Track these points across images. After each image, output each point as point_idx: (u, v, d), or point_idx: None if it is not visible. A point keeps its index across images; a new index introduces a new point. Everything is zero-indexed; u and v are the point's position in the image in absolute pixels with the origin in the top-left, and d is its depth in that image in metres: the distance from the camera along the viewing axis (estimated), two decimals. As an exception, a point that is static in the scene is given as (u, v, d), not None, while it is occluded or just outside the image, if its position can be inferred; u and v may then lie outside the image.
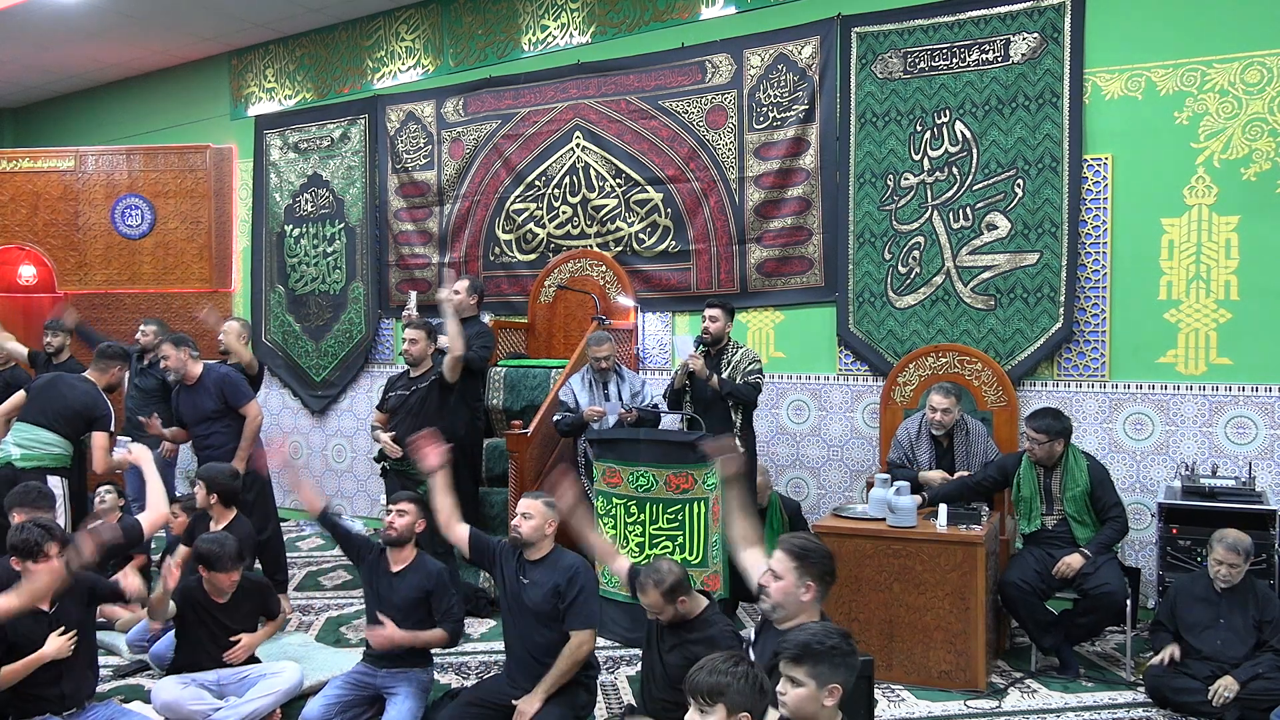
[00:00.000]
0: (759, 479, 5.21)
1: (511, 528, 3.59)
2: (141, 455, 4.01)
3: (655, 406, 5.18)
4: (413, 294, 6.58)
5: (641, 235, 6.35)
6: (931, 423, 4.75)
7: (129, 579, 3.60)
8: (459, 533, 3.73)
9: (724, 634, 3.30)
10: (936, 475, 4.68)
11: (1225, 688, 3.64)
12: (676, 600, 3.30)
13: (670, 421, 5.12)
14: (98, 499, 5.21)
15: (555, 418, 5.19)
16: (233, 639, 3.90)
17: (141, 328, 6.21)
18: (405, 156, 7.31)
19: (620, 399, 5.11)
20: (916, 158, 5.48)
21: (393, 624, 3.67)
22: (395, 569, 3.82)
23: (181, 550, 4.40)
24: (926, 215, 5.46)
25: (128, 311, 7.78)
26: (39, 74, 8.84)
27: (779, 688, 2.28)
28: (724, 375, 4.94)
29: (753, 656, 2.81)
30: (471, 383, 5.38)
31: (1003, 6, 5.22)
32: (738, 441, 4.75)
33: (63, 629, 3.38)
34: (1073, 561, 4.17)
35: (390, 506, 3.91)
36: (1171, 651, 3.89)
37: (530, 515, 3.56)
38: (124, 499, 5.31)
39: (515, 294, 6.84)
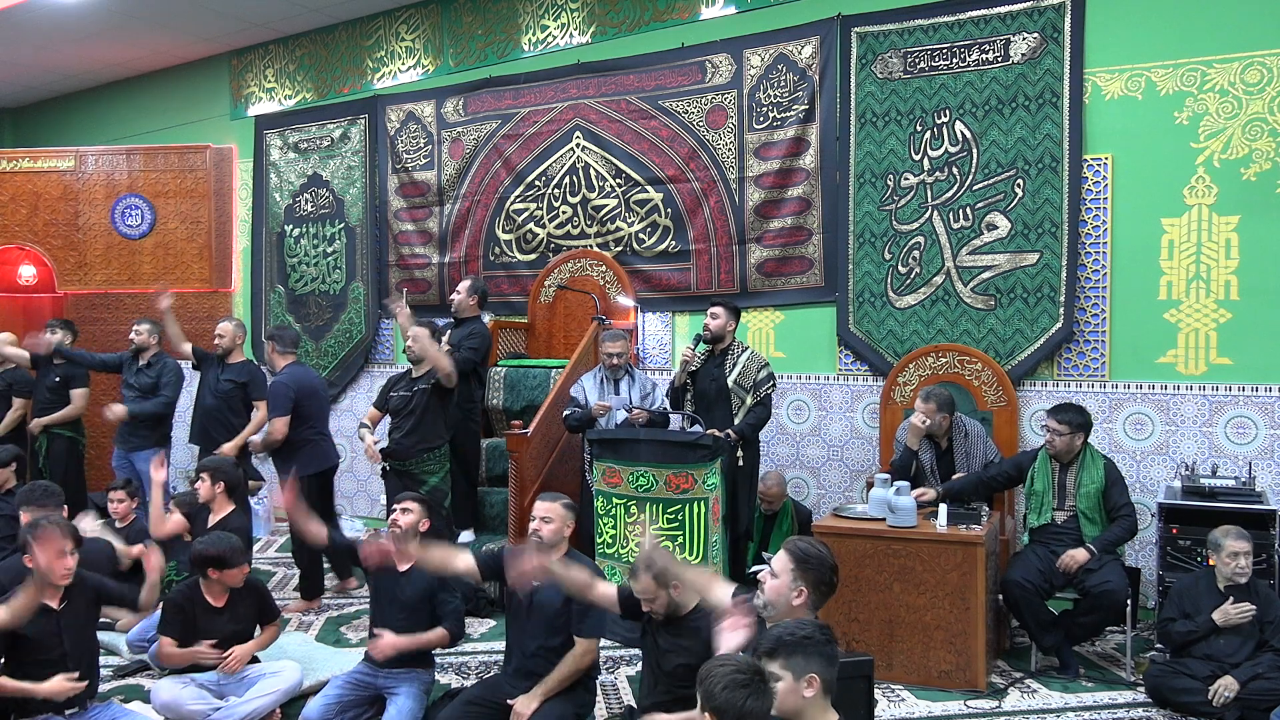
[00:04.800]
0: (774, 487, 5.21)
1: (531, 531, 3.56)
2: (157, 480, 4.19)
3: (665, 410, 5.17)
4: (404, 291, 6.61)
5: (641, 235, 6.35)
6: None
7: (152, 559, 3.76)
8: (464, 564, 3.62)
9: (712, 626, 3.28)
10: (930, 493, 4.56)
11: (1225, 687, 3.64)
12: (669, 584, 3.26)
13: (678, 423, 5.10)
14: (110, 502, 5.21)
15: (565, 412, 5.20)
16: (228, 644, 3.89)
17: (135, 327, 6.24)
18: (405, 156, 7.31)
19: (629, 399, 5.11)
20: (916, 158, 5.48)
21: (390, 633, 3.66)
22: (402, 567, 3.83)
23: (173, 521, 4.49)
24: (926, 215, 5.46)
25: (128, 311, 7.77)
26: (39, 74, 8.84)
27: None
28: (728, 376, 4.94)
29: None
30: (464, 384, 5.38)
31: (1003, 6, 5.22)
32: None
33: (72, 633, 3.41)
34: (1077, 555, 4.18)
35: (395, 505, 3.92)
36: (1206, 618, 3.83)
37: (550, 519, 3.55)
38: (136, 499, 5.32)
39: (515, 294, 6.83)
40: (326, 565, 5.66)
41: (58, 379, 6.38)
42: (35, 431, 6.38)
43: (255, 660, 4.00)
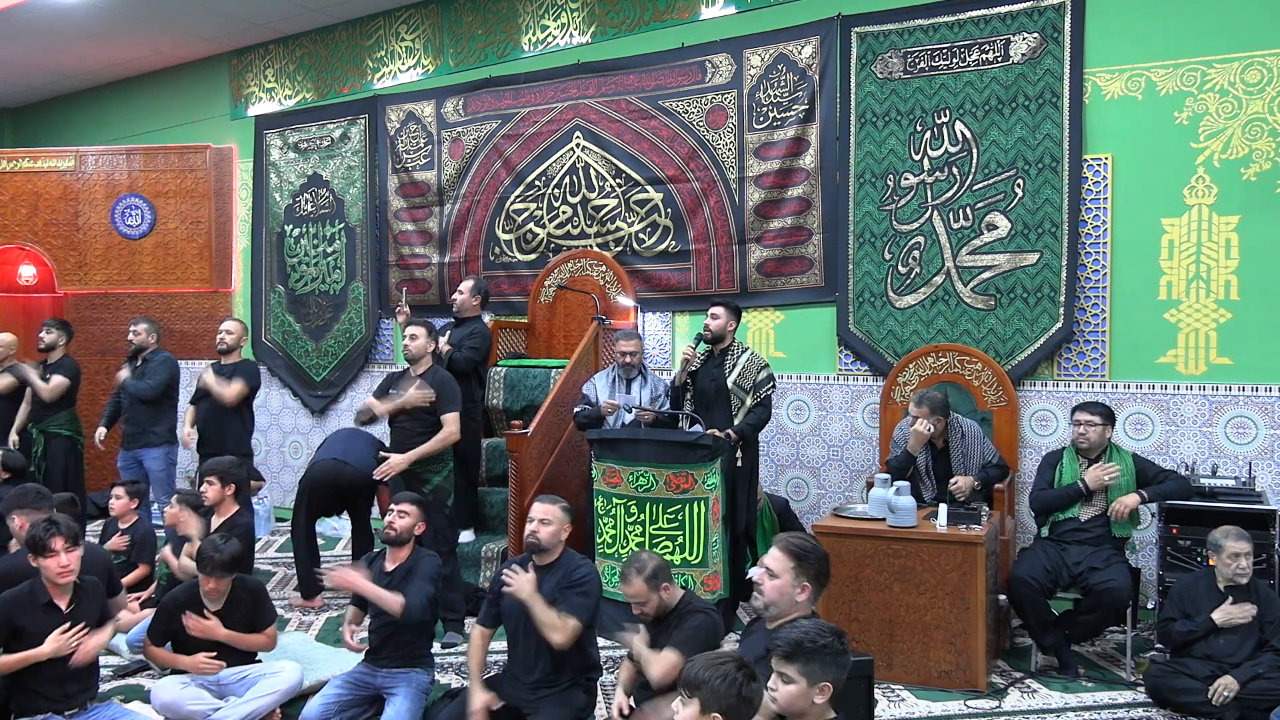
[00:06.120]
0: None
1: (528, 533, 3.56)
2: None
3: (674, 413, 5.15)
4: (404, 290, 6.62)
5: (641, 235, 6.35)
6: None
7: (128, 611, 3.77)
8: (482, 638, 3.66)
9: (697, 616, 3.26)
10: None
11: (1225, 687, 3.64)
12: (660, 587, 3.26)
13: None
14: (112, 499, 5.21)
15: (575, 409, 5.20)
16: (230, 652, 3.88)
17: (132, 327, 6.23)
18: (405, 156, 7.31)
19: (641, 399, 5.11)
20: (916, 158, 5.48)
21: (348, 571, 3.74)
22: (390, 567, 3.83)
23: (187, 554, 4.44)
24: (926, 215, 5.46)
25: (128, 311, 7.78)
26: (39, 74, 8.84)
27: (770, 684, 2.28)
28: (728, 376, 4.94)
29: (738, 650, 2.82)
30: (464, 384, 5.38)
31: (1003, 6, 5.22)
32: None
33: (70, 625, 3.40)
34: (1128, 501, 4.25)
35: (392, 506, 3.92)
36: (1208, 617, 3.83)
37: (549, 521, 3.54)
38: (138, 500, 5.31)
39: (515, 294, 6.83)
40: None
41: (50, 378, 6.37)
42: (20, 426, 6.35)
43: (256, 660, 4.00)
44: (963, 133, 5.34)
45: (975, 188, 5.33)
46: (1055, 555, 4.29)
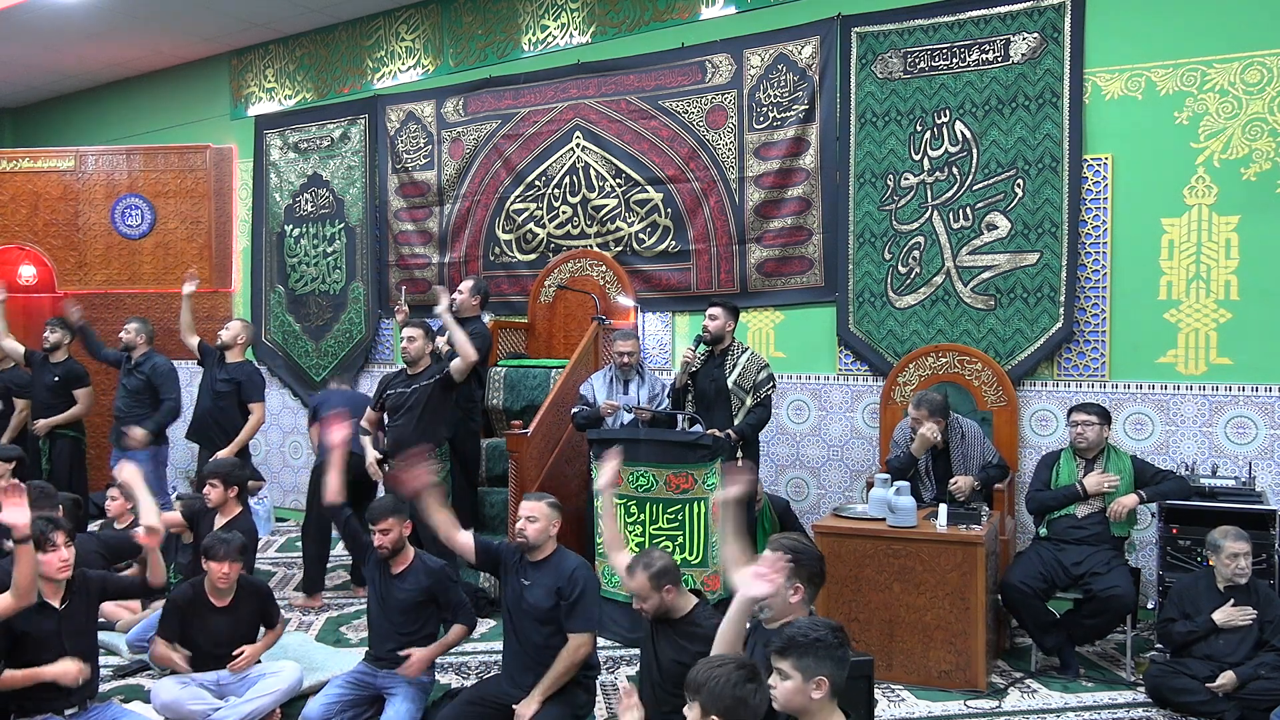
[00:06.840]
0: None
1: (516, 531, 3.58)
2: (131, 477, 4.02)
3: (672, 412, 5.15)
4: (403, 289, 6.62)
5: (641, 235, 6.35)
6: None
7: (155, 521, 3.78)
8: (463, 541, 3.73)
9: (713, 632, 3.29)
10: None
11: (1226, 680, 3.65)
12: (662, 588, 3.23)
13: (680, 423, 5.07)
14: (108, 498, 5.21)
15: (573, 410, 5.20)
16: (234, 650, 3.90)
17: (125, 326, 6.23)
18: (405, 156, 7.31)
19: (638, 399, 5.11)
20: (916, 158, 5.48)
21: (415, 652, 3.69)
22: (396, 570, 3.83)
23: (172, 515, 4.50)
24: (926, 215, 5.46)
25: (128, 312, 7.75)
26: (39, 74, 8.84)
27: (770, 680, 2.28)
28: (728, 376, 4.94)
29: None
30: (464, 384, 5.38)
31: (1003, 6, 5.22)
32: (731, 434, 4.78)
33: (72, 633, 3.41)
34: (1126, 501, 4.26)
35: (372, 528, 3.83)
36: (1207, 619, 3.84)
37: (535, 518, 3.56)
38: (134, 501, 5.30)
39: (515, 294, 6.83)
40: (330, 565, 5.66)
41: (56, 378, 6.37)
42: (41, 433, 6.37)
43: (255, 660, 4.00)
44: (963, 133, 5.34)
45: (975, 188, 5.33)
46: (1050, 558, 4.29)
